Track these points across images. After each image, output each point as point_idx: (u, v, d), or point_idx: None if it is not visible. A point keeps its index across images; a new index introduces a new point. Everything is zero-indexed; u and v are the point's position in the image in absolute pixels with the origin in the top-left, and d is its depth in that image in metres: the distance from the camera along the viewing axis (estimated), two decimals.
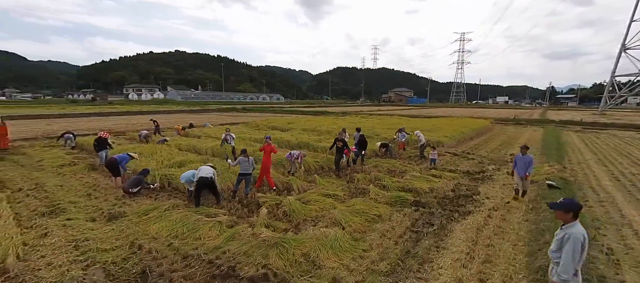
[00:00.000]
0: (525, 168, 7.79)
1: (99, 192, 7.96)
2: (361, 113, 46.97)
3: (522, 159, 7.89)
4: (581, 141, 20.09)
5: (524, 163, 7.81)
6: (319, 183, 9.01)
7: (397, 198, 7.75)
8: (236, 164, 7.72)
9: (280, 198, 7.20)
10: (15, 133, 20.28)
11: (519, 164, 7.89)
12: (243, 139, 16.87)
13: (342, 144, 10.23)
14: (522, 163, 7.84)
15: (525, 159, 7.85)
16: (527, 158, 7.88)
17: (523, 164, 7.81)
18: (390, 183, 8.88)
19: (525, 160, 7.84)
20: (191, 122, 24.54)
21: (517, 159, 8.01)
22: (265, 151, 8.46)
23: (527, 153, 8.10)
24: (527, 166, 7.80)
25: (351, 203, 7.14)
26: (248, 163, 7.66)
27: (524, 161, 7.84)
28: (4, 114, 35.98)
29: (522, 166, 7.83)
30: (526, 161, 7.84)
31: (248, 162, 7.66)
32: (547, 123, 32.99)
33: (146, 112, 46.32)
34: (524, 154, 7.90)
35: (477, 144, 18.29)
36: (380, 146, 13.63)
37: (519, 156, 7.96)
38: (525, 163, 7.81)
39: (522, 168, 7.82)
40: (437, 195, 8.29)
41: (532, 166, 7.98)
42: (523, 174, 7.82)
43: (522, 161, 7.88)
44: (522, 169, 7.81)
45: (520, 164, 7.88)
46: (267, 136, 8.94)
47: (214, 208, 6.76)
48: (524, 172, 7.80)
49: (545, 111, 69.97)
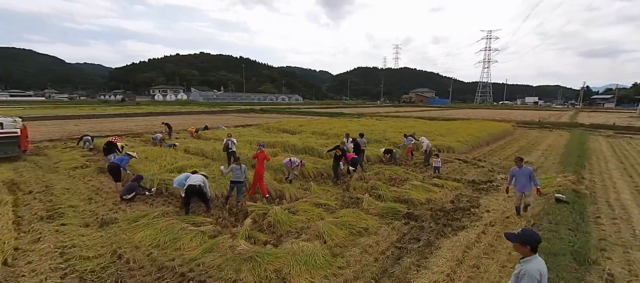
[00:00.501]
0: (525, 182, 7.12)
1: (100, 196, 8.30)
2: (377, 115, 46.33)
3: (520, 172, 7.23)
4: (609, 148, 18.80)
5: (523, 177, 7.15)
6: (314, 191, 8.95)
7: (389, 210, 7.55)
8: (228, 172, 7.80)
9: (268, 207, 7.19)
10: (44, 134, 21.64)
11: (518, 179, 7.25)
12: (251, 143, 17.07)
13: (341, 152, 10.10)
14: (521, 177, 7.18)
15: (524, 172, 7.17)
16: (525, 170, 7.21)
17: (523, 178, 7.15)
18: (386, 193, 8.67)
19: (524, 173, 7.16)
20: (206, 124, 25.19)
21: (514, 174, 7.32)
22: (258, 158, 8.50)
23: (525, 165, 7.62)
24: (528, 179, 7.09)
25: (340, 214, 7.02)
26: (240, 170, 7.72)
27: (522, 174, 7.18)
28: (40, 114, 38.55)
29: (521, 181, 7.18)
30: (525, 174, 7.15)
31: (240, 170, 7.73)
32: (575, 126, 31.14)
33: (169, 113, 48.01)
34: (520, 166, 7.25)
35: (492, 150, 17.54)
36: (384, 151, 13.35)
37: (516, 170, 7.29)
38: (525, 176, 7.12)
39: (522, 183, 7.15)
40: (433, 207, 8.00)
41: (536, 178, 7.25)
42: (527, 190, 7.15)
43: (520, 174, 7.21)
44: (522, 185, 7.13)
45: (518, 178, 7.24)
46: (260, 144, 8.98)
47: (202, 216, 6.86)
48: (524, 187, 7.13)
49: (577, 113, 66.14)
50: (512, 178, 7.38)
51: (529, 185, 7.12)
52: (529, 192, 7.18)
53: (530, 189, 7.17)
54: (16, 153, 12.41)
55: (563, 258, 5.29)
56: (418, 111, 60.60)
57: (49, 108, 59.42)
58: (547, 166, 13.21)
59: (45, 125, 28.27)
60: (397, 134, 20.15)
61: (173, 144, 15.16)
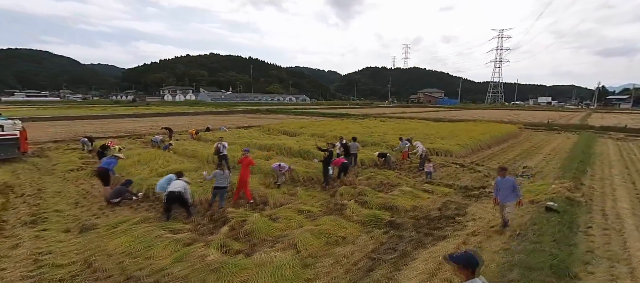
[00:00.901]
0: (507, 193, 6.78)
1: (88, 200, 8.43)
2: (382, 116, 45.98)
3: (502, 182, 6.89)
4: (617, 152, 18.20)
5: (506, 188, 6.80)
6: (300, 197, 8.90)
7: (372, 217, 7.44)
8: (211, 178, 7.82)
9: (248, 213, 7.18)
10: (51, 135, 22.17)
11: (501, 190, 6.89)
12: (248, 145, 17.12)
13: (329, 155, 10.02)
14: (504, 188, 6.83)
15: (507, 183, 6.83)
16: (508, 181, 6.86)
17: (505, 189, 6.81)
18: (372, 199, 8.56)
19: (507, 184, 6.82)
20: (208, 126, 25.41)
21: (498, 184, 6.99)
22: (242, 163, 8.49)
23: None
24: (511, 190, 6.75)
25: (320, 222, 6.95)
26: (224, 176, 7.74)
27: (505, 185, 6.84)
28: (51, 115, 39.54)
29: (504, 192, 6.82)
30: (508, 185, 6.81)
31: (224, 175, 7.74)
32: (585, 129, 30.28)
33: (176, 113, 48.68)
34: (503, 176, 6.93)
35: (493, 154, 17.19)
36: (378, 155, 13.21)
37: (499, 180, 6.97)
38: (508, 187, 6.78)
39: (505, 194, 6.79)
40: (417, 215, 7.85)
41: (519, 189, 6.92)
42: (508, 201, 6.79)
43: (503, 185, 6.87)
44: (504, 196, 6.79)
45: (501, 189, 6.88)
46: (245, 149, 8.97)
47: (182, 222, 6.89)
48: (508, 198, 6.78)
49: (590, 114, 64.41)
50: (497, 188, 7.04)
51: (512, 196, 6.77)
52: (510, 204, 6.81)
53: (512, 200, 6.80)
54: (16, 155, 12.74)
55: (540, 272, 5.11)
56: (425, 112, 59.94)
57: (62, 108, 60.97)
58: (547, 171, 12.85)
59: (54, 126, 28.95)
60: (397, 137, 19.94)
61: (169, 144, 15.30)
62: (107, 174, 8.60)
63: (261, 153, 14.27)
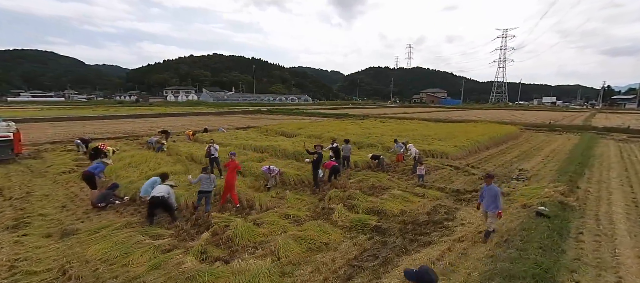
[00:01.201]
0: (490, 202, 6.46)
1: (75, 204, 8.41)
2: (383, 116, 45.78)
3: (487, 190, 6.58)
4: (617, 154, 17.92)
5: (489, 196, 6.48)
6: (288, 200, 8.82)
7: (358, 222, 7.34)
8: (196, 182, 7.76)
9: (232, 218, 7.10)
10: (50, 135, 22.28)
11: (485, 198, 6.61)
12: (244, 147, 17.08)
13: (318, 158, 9.92)
14: (488, 196, 6.52)
15: (491, 191, 6.48)
16: (492, 189, 6.49)
17: (489, 198, 6.49)
18: (360, 204, 8.45)
19: (491, 192, 6.47)
20: (206, 127, 25.41)
21: (484, 191, 6.69)
22: (229, 167, 8.43)
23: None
24: (493, 200, 6.41)
25: (305, 227, 6.86)
26: (209, 180, 7.68)
27: (489, 193, 6.51)
28: (53, 115, 39.82)
29: (487, 200, 6.53)
30: (492, 193, 6.45)
31: (209, 179, 7.68)
32: (587, 129, 29.89)
33: (177, 114, 48.81)
34: (488, 184, 6.59)
35: (490, 156, 16.98)
36: (371, 157, 13.07)
37: (485, 187, 6.68)
38: (491, 196, 6.45)
39: (487, 203, 6.52)
40: (405, 219, 7.74)
41: (500, 200, 6.50)
42: (492, 211, 6.49)
43: (487, 193, 6.56)
44: (487, 204, 6.52)
45: (485, 197, 6.60)
46: (231, 152, 8.89)
47: (164, 228, 6.83)
48: (490, 208, 6.49)
49: (595, 114, 63.68)
50: (482, 196, 6.77)
51: (493, 206, 6.46)
52: (492, 213, 6.52)
53: (493, 211, 6.49)
54: (9, 157, 12.79)
55: (521, 281, 4.98)
56: (426, 113, 59.61)
57: (66, 108, 61.43)
58: (543, 174, 12.65)
59: (54, 127, 29.12)
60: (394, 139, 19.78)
61: (161, 145, 15.27)
62: (93, 178, 8.57)
63: (255, 154, 14.21)
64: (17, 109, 54.97)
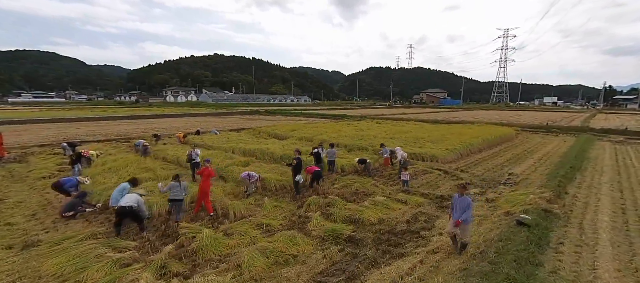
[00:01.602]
0: (461, 214, 6.16)
1: (47, 212, 8.24)
2: (381, 117, 45.56)
3: (459, 201, 6.26)
4: (612, 156, 17.64)
5: (461, 208, 6.18)
6: (265, 208, 8.63)
7: (333, 232, 7.13)
8: (167, 190, 7.57)
9: (201, 229, 6.90)
10: (41, 138, 22.18)
11: (457, 209, 6.26)
12: (233, 150, 16.89)
13: (297, 163, 9.72)
14: (460, 208, 6.21)
15: (463, 203, 6.18)
16: (464, 200, 6.19)
17: (460, 209, 6.19)
18: (338, 211, 8.24)
19: (462, 203, 6.17)
20: (198, 129, 25.25)
21: (455, 201, 6.38)
22: (203, 174, 8.24)
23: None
24: (464, 211, 6.13)
25: (275, 238, 6.66)
26: (180, 188, 7.50)
27: (461, 204, 6.19)
28: (48, 117, 39.69)
29: (459, 212, 6.21)
30: (463, 205, 6.16)
31: (180, 187, 7.50)
32: (584, 131, 29.57)
33: (175, 115, 48.66)
34: (461, 194, 6.30)
35: (482, 159, 16.73)
36: (358, 161, 12.85)
37: (456, 198, 6.36)
38: (462, 208, 6.17)
39: (459, 213, 6.22)
40: (382, 228, 7.53)
41: (470, 212, 6.18)
42: (465, 223, 6.19)
43: (459, 204, 6.23)
44: (458, 216, 6.20)
45: (457, 208, 6.26)
46: (206, 160, 8.68)
47: (130, 239, 6.64)
48: (462, 219, 6.18)
49: (595, 114, 63.25)
50: (453, 206, 6.41)
51: (464, 215, 6.14)
52: (464, 225, 6.18)
53: (467, 222, 6.20)
54: None
55: None
56: (425, 113, 59.32)
57: (64, 109, 61.42)
58: (533, 179, 12.41)
59: (48, 128, 29.02)
60: (387, 141, 19.55)
61: (145, 147, 15.12)
62: (62, 188, 8.34)
63: (241, 159, 14.01)
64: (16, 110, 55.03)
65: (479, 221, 8.09)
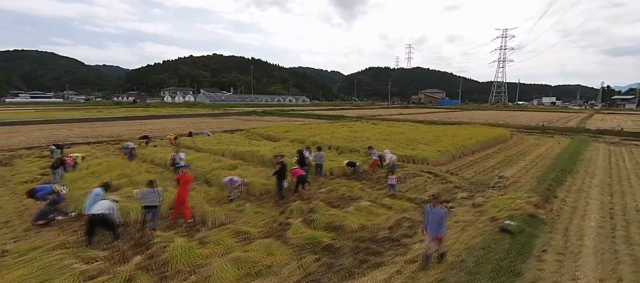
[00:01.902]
0: (436, 226, 5.88)
1: (23, 219, 8.03)
2: (377, 118, 45.43)
3: (431, 213, 5.97)
4: (605, 158, 17.52)
5: (434, 219, 5.90)
6: (246, 214, 8.45)
7: (312, 240, 6.97)
8: (141, 197, 7.38)
9: (174, 237, 6.72)
10: (32, 139, 21.96)
11: (430, 221, 5.96)
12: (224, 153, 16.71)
13: (281, 168, 9.55)
14: (433, 220, 5.91)
15: (436, 215, 5.90)
16: (437, 212, 5.91)
17: (434, 222, 5.90)
18: (321, 217, 8.07)
19: (436, 215, 5.90)
20: (191, 130, 25.02)
21: (427, 213, 6.06)
22: (180, 181, 8.05)
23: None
24: (438, 224, 5.86)
25: (251, 247, 6.49)
26: (154, 194, 7.31)
27: (433, 216, 5.92)
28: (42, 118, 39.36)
29: (432, 224, 5.92)
30: (436, 216, 5.88)
31: (154, 193, 7.31)
32: (580, 132, 29.46)
33: (170, 116, 48.39)
34: (434, 205, 6.03)
35: (474, 161, 16.57)
36: (347, 164, 12.66)
37: (428, 209, 6.07)
38: (437, 220, 5.87)
39: (433, 227, 5.91)
40: (363, 236, 7.36)
41: (446, 224, 5.99)
42: (436, 234, 5.91)
43: (432, 216, 5.95)
44: (433, 228, 5.90)
45: (430, 221, 5.96)
46: (184, 165, 8.49)
47: (100, 249, 6.44)
48: (436, 232, 5.89)
49: (592, 114, 63.21)
50: (426, 218, 6.11)
51: (442, 229, 5.91)
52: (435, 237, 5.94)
53: (443, 233, 5.96)
54: None
55: None
56: (422, 114, 59.18)
57: (60, 110, 61.13)
58: (523, 182, 12.27)
59: (41, 129, 28.77)
60: (380, 143, 19.39)
61: (131, 149, 14.94)
62: (35, 196, 8.11)
63: (229, 162, 13.83)
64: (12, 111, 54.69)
65: (462, 228, 7.95)
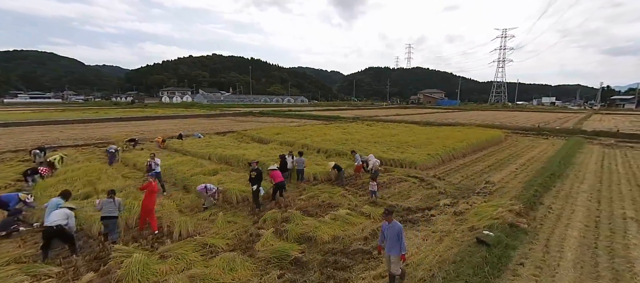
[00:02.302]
0: (393, 243, 5.29)
1: None
2: (374, 118, 45.16)
3: (388, 229, 5.42)
4: (598, 161, 17.21)
5: (391, 237, 5.33)
6: (217, 224, 8.19)
7: (280, 253, 6.69)
8: (99, 208, 7.10)
9: (133, 251, 6.44)
10: (20, 142, 21.75)
11: (387, 238, 5.40)
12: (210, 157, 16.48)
13: (257, 175, 9.28)
14: (390, 237, 5.35)
15: (392, 230, 5.34)
16: (393, 227, 5.34)
17: (391, 238, 5.33)
18: (294, 228, 7.80)
19: (392, 231, 5.33)
20: (181, 132, 24.78)
21: (384, 230, 5.50)
22: (146, 190, 7.78)
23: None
24: (396, 239, 5.26)
25: (213, 263, 6.19)
26: (113, 205, 7.03)
27: (390, 232, 5.37)
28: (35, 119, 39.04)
29: (390, 241, 5.35)
30: (393, 232, 5.31)
31: (113, 204, 7.04)
32: (576, 133, 29.14)
33: (165, 117, 48.12)
34: (389, 221, 5.41)
35: (463, 164, 16.30)
36: (333, 167, 12.30)
37: (385, 225, 5.49)
38: (393, 236, 5.29)
39: (390, 244, 5.33)
40: (333, 248, 7.08)
41: (404, 241, 5.28)
42: (394, 253, 5.29)
43: (388, 232, 5.39)
44: (391, 246, 5.32)
45: (387, 237, 5.40)
46: (149, 174, 8.19)
47: (55, 263, 6.18)
48: (393, 250, 5.29)
49: (591, 114, 62.84)
50: (382, 235, 5.58)
51: (396, 248, 5.29)
52: (395, 256, 5.32)
53: (397, 253, 5.31)
54: None
55: None
56: (419, 115, 58.84)
57: (57, 111, 60.97)
58: (510, 188, 11.98)
59: (32, 131, 28.53)
60: (371, 145, 19.13)
61: (111, 153, 14.71)
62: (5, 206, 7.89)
63: (210, 167, 13.59)
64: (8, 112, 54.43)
65: (439, 238, 7.69)
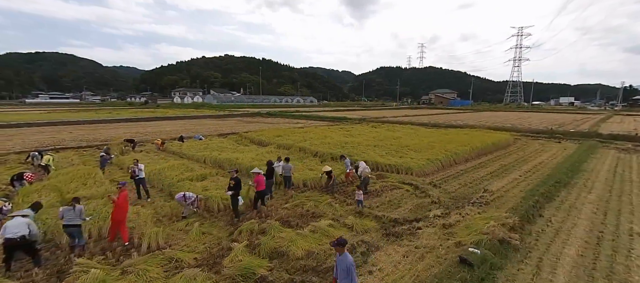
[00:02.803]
0: (343, 277, 4.76)
1: None
2: (381, 119, 44.45)
3: (339, 261, 4.87)
4: (611, 168, 16.17)
5: (341, 270, 4.79)
6: (191, 235, 7.94)
7: (246, 271, 6.35)
8: (61, 216, 6.90)
9: (94, 265, 6.22)
10: (29, 143, 22.23)
11: (338, 271, 4.86)
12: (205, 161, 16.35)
13: (236, 184, 8.97)
14: (340, 270, 4.81)
15: (342, 263, 4.80)
16: (344, 260, 4.79)
17: (342, 272, 4.79)
18: (268, 241, 7.45)
19: (342, 264, 4.79)
20: (182, 135, 24.80)
21: (337, 263, 4.94)
22: (117, 200, 7.56)
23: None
24: (347, 274, 4.72)
25: (174, 280, 5.93)
26: (73, 212, 6.83)
27: (341, 266, 4.81)
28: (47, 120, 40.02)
29: (341, 274, 4.81)
30: (343, 266, 4.77)
31: (74, 211, 6.83)
32: (591, 136, 27.76)
33: (174, 117, 48.61)
34: (340, 253, 4.85)
35: (464, 170, 15.58)
36: (325, 172, 11.81)
37: (337, 258, 4.93)
38: (343, 270, 4.76)
39: (342, 279, 4.79)
40: (305, 265, 6.70)
41: (355, 277, 4.77)
42: None
43: (339, 265, 4.86)
44: (342, 280, 4.79)
45: (338, 271, 4.87)
46: (120, 182, 7.97)
47: (16, 277, 6.03)
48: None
49: (610, 116, 60.14)
50: (336, 269, 4.99)
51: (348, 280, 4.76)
52: None
53: None
54: None
55: None
56: (428, 116, 57.65)
57: (72, 111, 62.65)
58: (509, 197, 11.30)
59: (42, 132, 29.16)
60: (371, 149, 18.62)
61: (107, 158, 14.70)
62: None
63: (199, 172, 13.40)
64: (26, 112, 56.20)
65: (422, 255, 7.21)
